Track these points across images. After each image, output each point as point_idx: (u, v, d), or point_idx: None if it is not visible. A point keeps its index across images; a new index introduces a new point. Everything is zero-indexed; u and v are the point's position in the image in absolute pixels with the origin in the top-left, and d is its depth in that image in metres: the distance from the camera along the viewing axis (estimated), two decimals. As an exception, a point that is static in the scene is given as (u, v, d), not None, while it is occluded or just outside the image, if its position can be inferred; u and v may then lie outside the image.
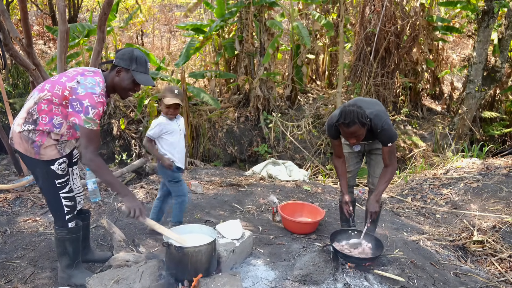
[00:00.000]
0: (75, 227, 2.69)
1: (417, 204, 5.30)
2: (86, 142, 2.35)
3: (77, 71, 2.48)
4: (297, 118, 9.24)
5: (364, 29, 9.65)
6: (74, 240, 2.72)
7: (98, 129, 2.38)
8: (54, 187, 2.54)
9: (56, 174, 2.53)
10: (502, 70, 8.66)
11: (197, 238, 2.74)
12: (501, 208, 4.62)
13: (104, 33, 4.60)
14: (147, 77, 2.53)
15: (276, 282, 2.83)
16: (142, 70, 2.50)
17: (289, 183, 5.98)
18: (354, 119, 2.83)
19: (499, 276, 3.36)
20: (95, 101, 2.32)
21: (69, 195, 2.63)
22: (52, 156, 2.49)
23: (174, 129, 3.50)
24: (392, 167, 3.13)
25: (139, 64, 2.48)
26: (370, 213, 3.16)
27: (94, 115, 2.31)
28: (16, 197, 4.46)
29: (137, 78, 2.47)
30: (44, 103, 2.40)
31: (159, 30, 15.38)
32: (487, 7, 8.03)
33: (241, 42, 9.01)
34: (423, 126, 9.81)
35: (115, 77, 2.50)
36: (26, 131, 2.42)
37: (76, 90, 2.32)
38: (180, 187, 3.58)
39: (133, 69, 2.47)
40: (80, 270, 2.79)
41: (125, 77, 2.49)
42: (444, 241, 3.99)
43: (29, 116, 2.42)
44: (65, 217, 2.64)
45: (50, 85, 2.42)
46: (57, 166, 2.52)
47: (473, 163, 6.32)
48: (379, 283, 2.80)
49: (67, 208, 2.63)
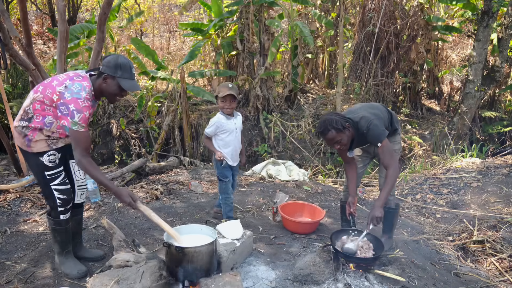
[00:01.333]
0: (64, 220, 2.82)
1: (417, 204, 5.30)
2: (74, 143, 2.50)
3: (68, 75, 2.59)
4: (296, 118, 9.24)
5: (363, 28, 9.66)
6: (62, 231, 2.86)
7: (85, 131, 2.50)
8: (45, 178, 2.69)
9: (45, 165, 2.67)
10: (502, 70, 8.67)
11: (198, 238, 2.74)
12: (501, 207, 4.62)
13: (104, 33, 4.60)
14: (132, 82, 2.63)
15: (277, 282, 2.83)
16: (127, 76, 2.60)
17: (289, 183, 5.98)
18: (327, 126, 2.93)
19: (499, 276, 3.36)
20: (80, 106, 2.44)
21: (61, 187, 2.74)
22: (41, 148, 2.65)
23: (230, 128, 3.64)
24: (391, 169, 3.03)
25: (124, 70, 2.58)
26: (371, 218, 3.05)
27: (79, 119, 2.44)
28: (16, 197, 4.45)
29: (122, 84, 2.58)
30: (37, 103, 2.55)
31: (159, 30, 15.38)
32: (486, 6, 8.04)
33: (242, 42, 9.01)
34: (423, 125, 9.82)
35: (102, 83, 2.61)
36: (21, 126, 2.62)
37: (63, 95, 2.45)
38: (225, 185, 3.76)
39: (118, 76, 2.57)
40: (69, 259, 2.94)
41: (111, 84, 2.59)
42: (444, 241, 3.99)
43: (24, 114, 2.61)
44: (58, 209, 2.77)
45: (43, 87, 2.56)
46: (46, 157, 2.67)
47: (473, 163, 6.32)
48: (380, 283, 2.80)
49: (59, 200, 2.75)
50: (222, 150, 3.68)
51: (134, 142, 8.69)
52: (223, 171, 3.74)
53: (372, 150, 3.44)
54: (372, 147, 3.38)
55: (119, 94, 2.64)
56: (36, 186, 4.77)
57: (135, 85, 2.64)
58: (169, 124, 8.38)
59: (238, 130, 3.74)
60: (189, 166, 7.06)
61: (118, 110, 9.14)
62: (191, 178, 5.90)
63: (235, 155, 3.79)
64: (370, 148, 3.41)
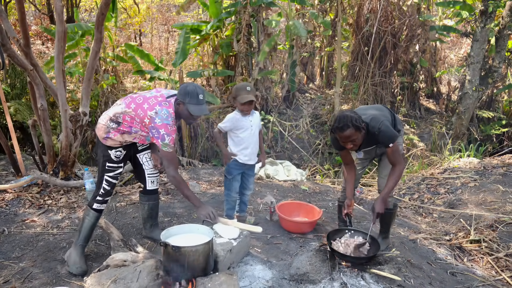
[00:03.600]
0: (94, 209, 3.11)
1: (414, 204, 5.32)
2: (167, 162, 2.92)
3: (157, 99, 2.92)
4: (295, 118, 9.25)
5: (361, 28, 9.68)
6: (89, 222, 3.12)
7: (174, 151, 2.92)
8: (104, 166, 3.08)
9: (110, 158, 3.07)
10: (499, 70, 8.69)
11: (195, 238, 2.75)
12: (498, 207, 4.64)
13: (102, 33, 4.59)
14: (199, 107, 2.92)
15: (273, 282, 2.84)
16: (195, 102, 2.90)
17: (287, 182, 6.00)
18: (347, 122, 2.86)
19: (496, 275, 3.38)
20: (169, 130, 2.82)
21: (112, 180, 3.12)
22: (113, 144, 3.05)
23: (245, 125, 3.61)
24: (399, 166, 3.06)
25: (191, 97, 2.89)
26: (375, 213, 3.08)
27: (169, 141, 2.83)
28: (14, 197, 4.46)
29: (190, 109, 2.90)
30: (128, 116, 2.93)
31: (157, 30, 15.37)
32: (484, 7, 8.06)
33: (239, 42, 9.02)
34: (421, 125, 9.84)
35: (178, 108, 2.96)
36: (109, 126, 2.98)
37: (154, 120, 2.82)
38: (228, 182, 3.75)
39: (187, 102, 2.89)
40: (77, 253, 3.07)
41: (183, 109, 2.93)
42: (441, 240, 4.01)
43: (115, 118, 2.97)
44: (96, 197, 3.11)
45: (135, 106, 2.91)
46: (114, 152, 3.07)
47: (470, 163, 6.34)
48: (376, 282, 2.81)
49: (103, 190, 3.10)
50: (236, 147, 3.64)
51: (133, 142, 8.68)
52: (228, 167, 3.71)
53: (373, 152, 3.43)
54: (374, 150, 3.38)
55: (191, 118, 2.98)
56: (34, 186, 4.78)
57: (202, 110, 2.93)
58: (167, 124, 8.36)
59: (255, 127, 3.68)
60: (188, 166, 7.07)
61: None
62: (189, 178, 5.91)
63: (251, 153, 3.69)
64: (372, 150, 3.40)
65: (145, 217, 3.46)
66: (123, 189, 5.06)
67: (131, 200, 4.61)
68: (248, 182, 3.89)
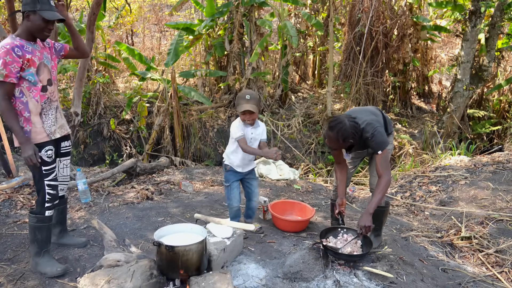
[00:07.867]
0: (48, 216, 2.93)
1: (406, 202, 5.37)
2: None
3: None
4: (287, 117, 9.27)
5: (353, 28, 9.73)
6: (44, 228, 2.95)
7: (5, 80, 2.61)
8: (41, 173, 2.84)
9: (43, 160, 2.82)
10: (489, 69, 8.79)
11: (188, 237, 2.75)
12: (488, 204, 4.70)
13: (94, 33, 4.59)
14: (53, 13, 2.72)
15: (267, 280, 2.86)
16: (47, 8, 2.70)
17: (280, 181, 6.01)
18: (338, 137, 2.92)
19: (486, 271, 3.42)
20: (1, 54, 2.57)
21: (53, 183, 2.90)
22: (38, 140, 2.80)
23: (245, 136, 3.40)
24: (385, 177, 3.02)
25: (42, 3, 2.68)
26: (360, 227, 3.03)
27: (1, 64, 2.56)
28: (6, 198, 4.42)
29: (44, 15, 2.67)
30: None
31: (150, 30, 15.32)
32: (474, 7, 8.15)
33: (231, 42, 9.02)
34: (413, 124, 9.92)
35: (27, 23, 2.71)
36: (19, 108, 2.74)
37: None
38: (226, 190, 3.67)
39: (38, 9, 2.66)
40: (47, 259, 2.97)
41: (34, 19, 2.69)
42: (432, 238, 4.05)
43: None
44: (45, 204, 2.90)
45: None
46: (44, 152, 2.83)
47: (461, 161, 6.41)
48: (368, 280, 2.84)
49: (49, 196, 2.89)
50: (231, 156, 3.53)
51: (125, 143, 8.66)
52: (226, 175, 3.64)
53: (365, 152, 3.46)
54: (365, 151, 3.41)
55: (46, 28, 2.73)
56: (25, 188, 4.74)
57: (56, 14, 2.73)
58: (160, 124, 8.36)
59: (253, 141, 3.46)
60: (180, 166, 7.06)
61: (108, 110, 9.09)
62: (182, 178, 5.91)
63: (245, 163, 3.57)
64: (364, 152, 3.44)
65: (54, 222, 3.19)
66: (116, 189, 5.05)
67: (124, 201, 4.60)
68: (252, 187, 3.71)
